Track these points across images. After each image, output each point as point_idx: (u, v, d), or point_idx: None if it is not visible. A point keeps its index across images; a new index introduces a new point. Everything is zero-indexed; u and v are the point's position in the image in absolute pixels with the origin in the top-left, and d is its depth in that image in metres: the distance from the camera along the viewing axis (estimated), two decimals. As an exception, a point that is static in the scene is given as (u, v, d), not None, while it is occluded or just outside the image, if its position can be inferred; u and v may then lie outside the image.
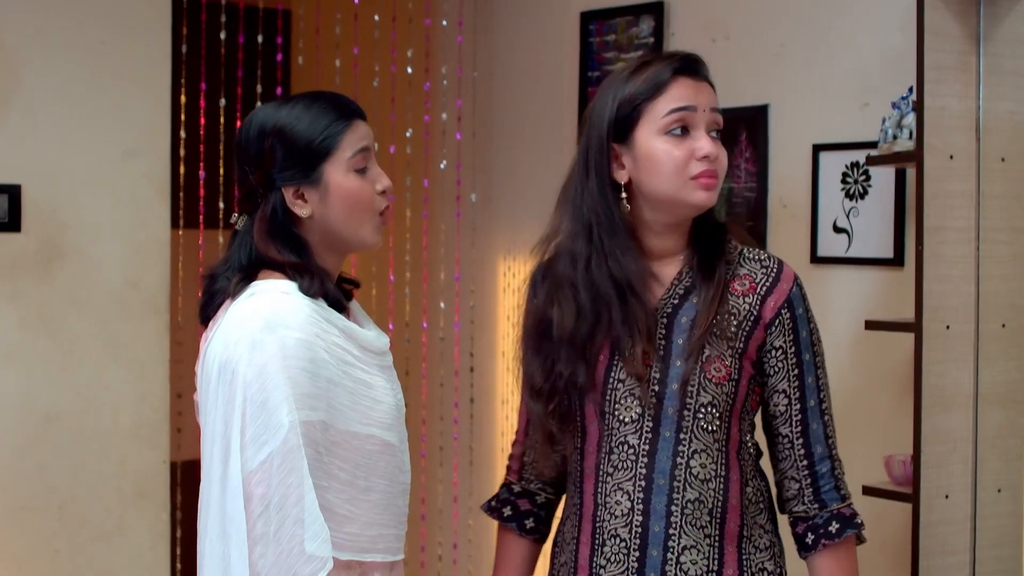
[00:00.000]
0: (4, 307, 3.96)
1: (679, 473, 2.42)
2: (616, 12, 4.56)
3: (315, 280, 2.34)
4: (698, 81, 2.48)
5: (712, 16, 4.25)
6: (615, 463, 2.45)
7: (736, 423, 2.47)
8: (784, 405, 2.48)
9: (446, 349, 5.25)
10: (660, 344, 2.45)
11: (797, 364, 2.47)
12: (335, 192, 2.34)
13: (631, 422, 2.44)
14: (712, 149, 2.41)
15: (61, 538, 4.05)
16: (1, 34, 3.94)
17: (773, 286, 2.47)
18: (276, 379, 2.21)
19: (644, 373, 2.42)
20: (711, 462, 2.44)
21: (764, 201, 4.06)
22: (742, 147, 4.11)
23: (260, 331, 2.24)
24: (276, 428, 2.20)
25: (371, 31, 5.13)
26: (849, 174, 3.82)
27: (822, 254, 3.89)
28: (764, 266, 2.50)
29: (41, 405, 4.01)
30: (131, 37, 4.15)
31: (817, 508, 2.49)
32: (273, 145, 2.35)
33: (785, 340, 2.46)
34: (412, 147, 5.17)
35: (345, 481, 2.31)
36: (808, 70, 3.96)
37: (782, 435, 2.50)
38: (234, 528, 2.22)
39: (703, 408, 2.43)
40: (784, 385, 2.47)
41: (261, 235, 2.37)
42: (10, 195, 3.95)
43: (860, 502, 3.56)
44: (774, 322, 2.45)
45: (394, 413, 2.41)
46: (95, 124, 4.09)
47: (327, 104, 2.38)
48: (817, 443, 2.48)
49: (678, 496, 2.42)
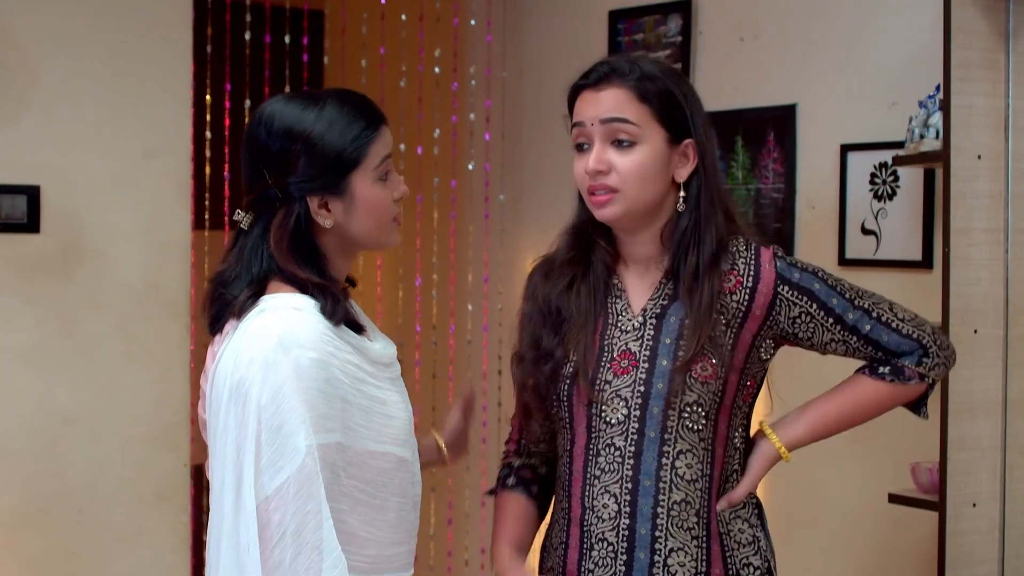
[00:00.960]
0: (22, 309, 3.94)
1: (664, 474, 2.37)
2: (644, 11, 4.49)
3: (339, 305, 2.23)
4: (597, 91, 2.41)
5: (740, 14, 4.18)
6: (602, 466, 2.40)
7: (725, 419, 2.42)
8: (844, 347, 2.48)
9: (474, 352, 5.20)
10: (648, 344, 2.40)
11: (828, 313, 2.44)
12: (361, 203, 2.24)
13: (617, 424, 2.39)
14: (593, 164, 2.38)
15: (79, 541, 4.03)
16: (19, 34, 3.92)
17: (758, 274, 2.42)
18: (292, 402, 2.10)
19: (590, 392, 2.42)
20: (697, 462, 2.39)
21: (792, 202, 3.98)
22: (770, 147, 4.04)
23: (273, 350, 2.12)
24: (293, 453, 2.10)
25: (398, 31, 5.09)
26: (877, 175, 3.74)
27: (850, 256, 3.81)
28: (742, 256, 2.44)
29: (59, 407, 3.99)
30: (151, 37, 4.12)
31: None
32: (299, 152, 2.21)
33: (803, 305, 2.42)
34: (440, 148, 5.12)
35: (360, 501, 2.22)
36: (836, 69, 3.88)
37: (863, 357, 2.51)
38: (249, 558, 2.12)
39: (688, 408, 2.38)
40: (829, 336, 2.46)
41: (280, 247, 2.23)
42: (29, 196, 3.93)
43: (886, 510, 3.51)
44: (775, 303, 2.42)
45: (406, 428, 2.31)
46: (114, 124, 4.07)
47: (355, 110, 2.25)
48: (900, 346, 2.48)
49: (664, 498, 2.37)
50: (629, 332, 2.43)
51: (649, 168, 2.37)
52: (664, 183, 2.40)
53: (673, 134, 2.40)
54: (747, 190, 4.09)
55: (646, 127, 2.37)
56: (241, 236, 2.29)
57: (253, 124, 2.29)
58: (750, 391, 2.45)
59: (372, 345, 2.30)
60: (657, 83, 2.40)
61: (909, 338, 2.48)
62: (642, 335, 2.42)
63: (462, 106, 5.14)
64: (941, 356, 2.50)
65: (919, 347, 2.48)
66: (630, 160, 2.37)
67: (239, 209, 2.31)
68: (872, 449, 3.73)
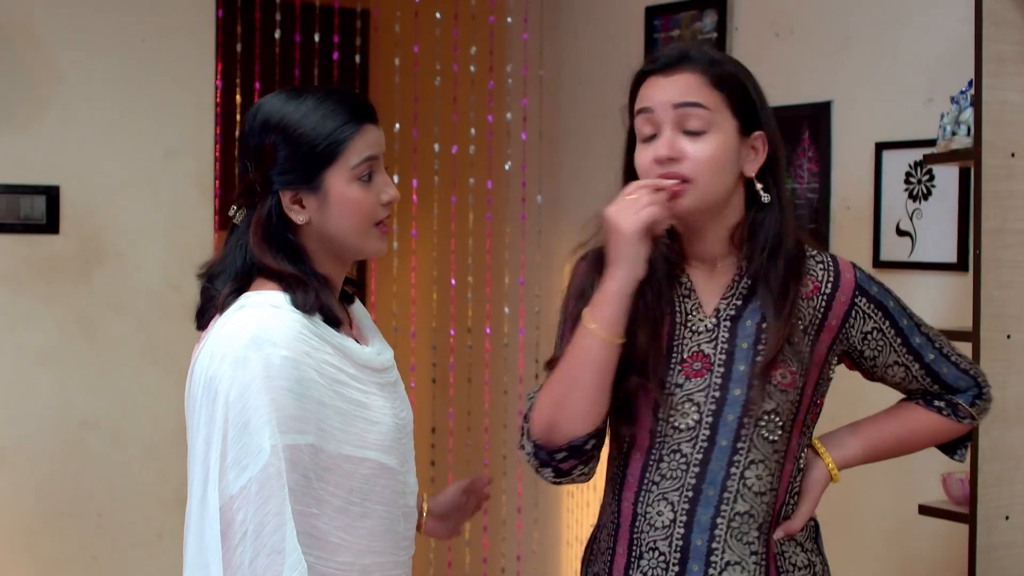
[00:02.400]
0: (41, 310, 3.91)
1: (731, 484, 2.25)
2: (680, 6, 4.39)
3: (310, 294, 2.18)
4: (667, 76, 2.28)
5: (775, 9, 4.06)
6: (663, 472, 2.28)
7: (797, 434, 2.32)
8: (903, 373, 2.42)
9: (510, 355, 5.10)
10: (723, 348, 2.28)
11: (898, 333, 2.38)
12: (335, 202, 2.18)
13: (687, 429, 2.27)
14: (665, 150, 2.24)
15: (99, 545, 3.99)
16: (39, 32, 3.89)
17: (837, 282, 2.34)
18: (259, 400, 2.06)
19: (659, 395, 2.30)
20: (768, 474, 2.28)
21: (827, 203, 3.85)
22: (804, 145, 3.92)
23: (245, 347, 2.08)
24: (257, 452, 2.05)
25: (432, 29, 5.01)
26: (912, 174, 3.61)
27: (884, 258, 3.68)
28: (820, 263, 2.35)
29: (79, 410, 3.96)
30: (173, 35, 4.08)
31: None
32: (275, 144, 2.17)
33: (876, 320, 2.36)
34: (475, 148, 5.05)
35: (338, 507, 2.17)
36: (872, 64, 3.75)
37: (915, 391, 2.46)
38: (212, 556, 2.07)
39: (766, 415, 2.26)
40: (895, 358, 2.40)
41: (257, 239, 2.20)
42: (48, 196, 3.90)
43: (916, 521, 3.38)
44: (851, 313, 2.34)
45: (393, 434, 2.25)
46: (135, 124, 4.03)
47: (337, 104, 2.20)
48: (958, 381, 2.43)
49: (726, 508, 2.25)
50: (702, 334, 2.30)
51: (723, 157, 2.23)
52: (734, 176, 2.27)
53: (744, 125, 2.27)
54: (782, 190, 3.97)
55: (719, 113, 2.24)
56: (233, 231, 2.27)
57: (243, 119, 2.28)
58: (817, 409, 2.36)
59: (360, 349, 2.24)
60: (728, 69, 2.28)
61: (967, 374, 2.43)
62: (716, 337, 2.29)
63: (498, 105, 5.05)
64: (989, 399, 2.47)
65: (975, 386, 2.44)
66: (704, 147, 2.22)
67: (233, 206, 2.29)
68: (903, 459, 3.58)
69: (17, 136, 3.86)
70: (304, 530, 2.09)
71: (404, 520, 2.29)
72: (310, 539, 2.11)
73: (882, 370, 2.40)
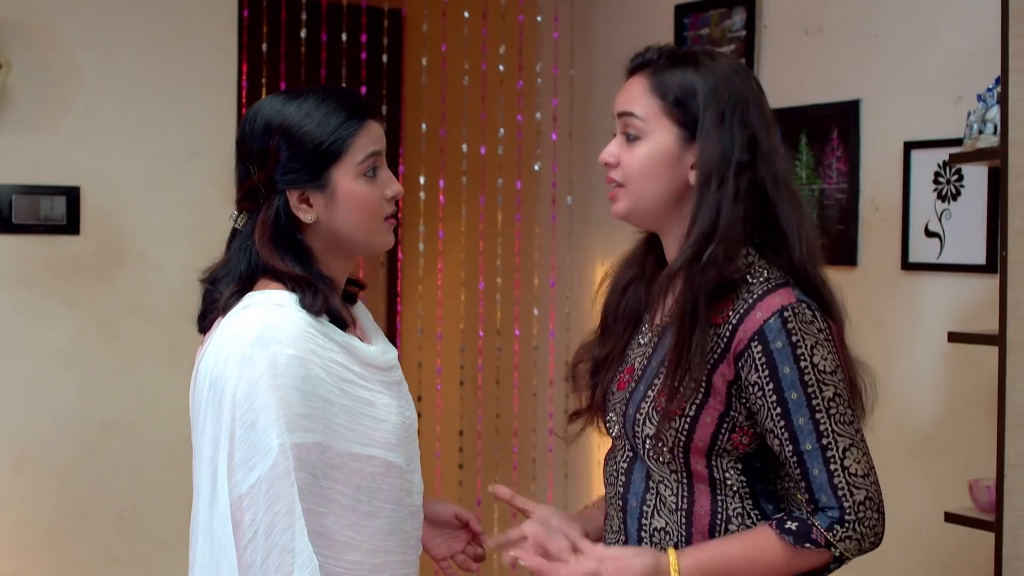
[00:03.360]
0: (61, 311, 3.90)
1: (650, 497, 2.25)
2: (710, 4, 4.33)
3: (318, 296, 2.19)
4: (626, 81, 2.32)
5: (805, 7, 3.99)
6: (608, 478, 2.34)
7: (701, 460, 2.20)
8: (777, 446, 2.17)
9: (540, 358, 5.05)
10: (644, 364, 2.28)
11: (779, 403, 2.13)
12: (343, 198, 2.20)
13: (617, 438, 2.33)
14: (601, 155, 2.29)
15: (120, 548, 3.97)
16: (60, 31, 3.88)
17: (746, 314, 2.16)
18: (266, 399, 2.07)
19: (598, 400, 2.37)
20: (670, 493, 2.23)
21: (855, 203, 3.78)
22: (833, 145, 3.84)
23: (251, 346, 2.09)
24: (265, 451, 2.06)
25: (460, 27, 4.97)
26: (941, 174, 3.53)
27: (913, 260, 3.60)
28: (750, 291, 2.19)
29: (99, 412, 3.94)
30: (196, 35, 4.06)
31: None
32: (278, 145, 2.19)
33: (760, 376, 2.14)
34: (504, 148, 5.00)
35: (346, 506, 2.18)
36: (900, 62, 3.68)
37: (790, 475, 2.22)
38: (224, 556, 2.10)
39: (648, 440, 2.22)
40: (770, 425, 2.16)
41: (263, 240, 2.21)
42: (68, 197, 3.89)
43: (943, 530, 3.30)
44: (743, 355, 2.15)
45: (399, 432, 2.26)
46: (157, 124, 4.01)
47: (339, 102, 2.22)
48: (821, 492, 2.12)
49: (646, 522, 2.25)
50: (642, 347, 2.32)
51: (651, 163, 2.23)
52: (674, 183, 2.25)
53: (691, 132, 2.23)
54: (811, 190, 3.90)
55: (653, 122, 2.24)
56: (235, 235, 2.29)
57: (242, 122, 2.29)
58: (743, 439, 2.20)
59: (366, 348, 2.26)
60: (681, 76, 2.24)
61: (834, 492, 2.12)
62: (646, 352, 2.30)
63: (528, 105, 5.00)
64: (857, 532, 2.13)
65: (837, 509, 2.12)
66: (632, 154, 2.25)
67: (234, 211, 2.31)
68: (928, 464, 3.52)
69: (38, 136, 3.85)
70: (312, 529, 2.10)
71: (411, 519, 2.31)
72: (318, 538, 2.12)
73: (762, 431, 2.18)
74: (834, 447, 2.13)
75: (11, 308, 3.85)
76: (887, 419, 3.58)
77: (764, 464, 2.23)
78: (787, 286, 2.18)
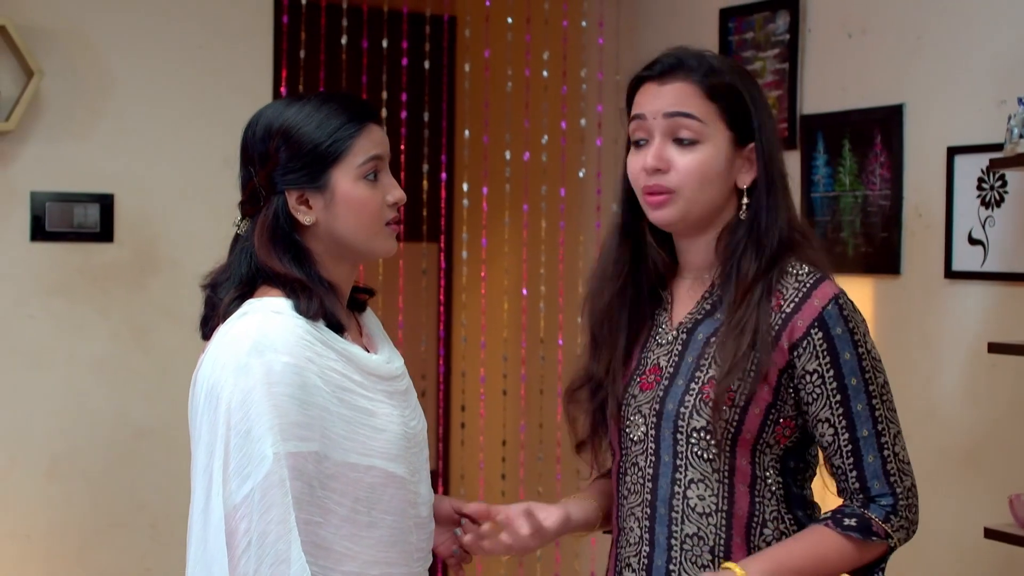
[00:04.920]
0: (95, 319, 3.89)
1: (677, 503, 2.20)
2: (754, 8, 4.26)
3: (314, 300, 2.17)
4: (661, 84, 2.25)
5: (849, 10, 3.90)
6: (628, 486, 2.28)
7: (746, 455, 2.18)
8: (831, 436, 2.16)
9: (584, 367, 4.98)
10: (674, 360, 2.25)
11: (839, 389, 2.14)
12: (342, 200, 2.18)
13: (639, 442, 2.25)
14: (652, 160, 2.21)
15: (153, 556, 3.96)
16: (93, 38, 3.87)
17: (802, 303, 2.17)
18: (261, 407, 2.05)
19: (614, 406, 2.29)
20: (710, 494, 2.18)
21: (899, 210, 3.69)
22: (876, 151, 3.76)
23: (247, 354, 2.07)
24: (260, 460, 2.04)
25: (504, 33, 4.92)
26: (984, 179, 3.43)
27: (956, 268, 3.51)
28: (799, 280, 2.20)
29: (133, 420, 3.93)
30: (231, 41, 4.04)
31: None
32: (278, 146, 2.18)
33: (820, 363, 2.15)
34: (548, 154, 4.95)
35: (344, 517, 2.15)
36: (945, 65, 3.58)
37: (836, 467, 2.19)
38: (216, 567, 2.08)
39: (695, 433, 2.18)
40: (827, 413, 2.16)
41: (262, 242, 2.20)
42: (102, 204, 3.88)
43: (982, 545, 3.20)
44: (801, 343, 2.15)
45: (400, 443, 2.22)
46: (192, 131, 3.99)
47: (339, 105, 2.21)
48: (875, 479, 2.15)
49: (677, 529, 2.20)
50: (663, 346, 2.28)
51: (711, 169, 2.21)
52: (725, 188, 2.24)
53: (739, 136, 2.23)
54: (854, 197, 3.81)
55: (711, 125, 2.21)
56: (237, 240, 2.28)
57: (245, 127, 2.28)
58: (785, 432, 2.19)
59: (368, 357, 2.23)
60: (725, 80, 2.23)
61: (887, 478, 2.14)
62: (671, 350, 2.26)
63: (572, 111, 4.94)
64: (906, 520, 2.16)
65: (891, 495, 2.14)
66: (691, 159, 2.21)
67: (237, 216, 2.30)
68: (968, 478, 3.42)
69: (71, 144, 3.85)
70: (309, 539, 2.08)
71: (416, 531, 2.26)
72: (315, 548, 2.09)
73: (813, 422, 2.17)
74: (887, 433, 2.16)
75: (45, 316, 3.85)
76: (928, 431, 3.49)
77: (797, 464, 2.22)
78: (829, 278, 2.21)
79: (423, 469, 2.29)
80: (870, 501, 2.15)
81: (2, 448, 3.82)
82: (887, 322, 3.68)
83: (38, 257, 3.83)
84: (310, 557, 2.07)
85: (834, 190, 3.89)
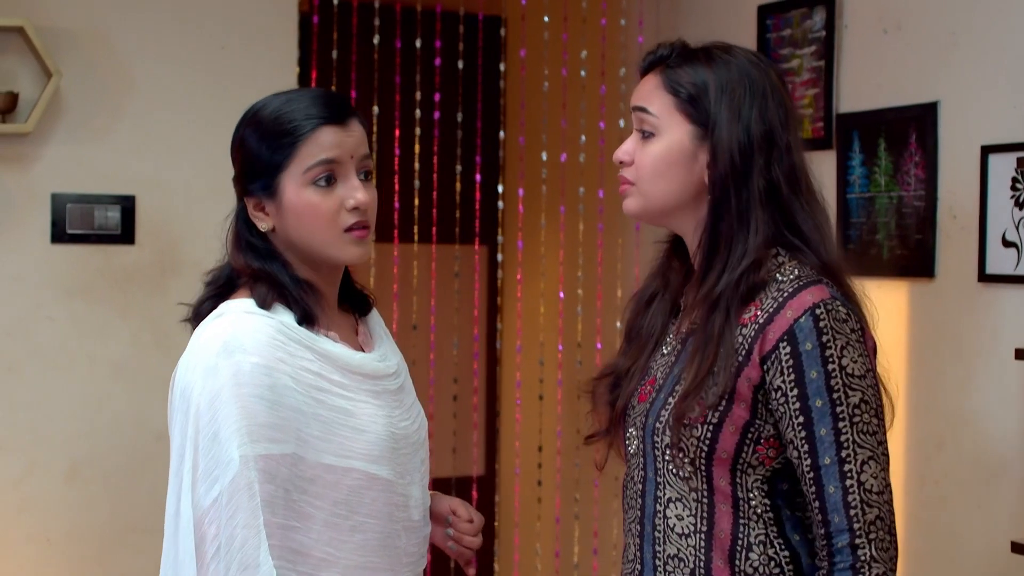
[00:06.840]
0: (116, 322, 3.87)
1: (659, 523, 2.13)
2: (791, 4, 4.16)
3: (271, 291, 2.15)
4: (641, 77, 2.25)
5: (884, 4, 3.79)
6: (628, 500, 2.23)
7: (724, 475, 2.08)
8: (796, 459, 2.04)
9: (622, 372, 4.90)
10: (666, 372, 2.18)
11: (802, 411, 2.01)
12: (289, 207, 2.15)
13: (634, 455, 2.21)
14: (616, 153, 2.24)
15: (174, 562, 3.92)
16: (114, 40, 3.85)
17: (775, 313, 2.05)
18: (228, 409, 2.03)
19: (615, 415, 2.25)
20: (688, 514, 2.10)
21: (933, 211, 3.56)
22: (911, 150, 3.64)
23: (215, 355, 2.06)
24: (227, 463, 2.02)
25: (540, 32, 4.85)
26: (1018, 179, 3.31)
27: (991, 271, 3.38)
28: (779, 288, 2.08)
29: (154, 424, 3.89)
30: (254, 41, 4.01)
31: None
32: (236, 154, 2.25)
33: (785, 381, 2.02)
34: (585, 155, 4.87)
35: (325, 521, 2.10)
36: (980, 62, 3.46)
37: (806, 495, 2.06)
38: (186, 571, 2.05)
39: (668, 451, 2.11)
40: (790, 435, 2.03)
41: (230, 245, 2.25)
42: (123, 207, 3.86)
43: (1009, 560, 3.08)
44: (770, 357, 2.04)
45: (384, 444, 2.17)
46: (213, 132, 3.96)
47: (297, 106, 2.17)
48: (834, 512, 1.99)
49: (660, 549, 2.13)
50: (664, 356, 2.22)
51: (662, 162, 2.16)
52: (689, 181, 2.17)
53: (706, 129, 2.15)
54: (889, 198, 3.70)
55: (666, 118, 2.16)
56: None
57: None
58: (769, 452, 2.07)
59: (350, 353, 2.19)
60: (693, 72, 2.16)
61: (847, 511, 1.99)
62: (668, 362, 2.20)
63: (610, 111, 4.86)
64: (875, 560, 1.98)
65: (846, 532, 1.99)
66: (645, 152, 2.18)
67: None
68: (994, 492, 3.29)
69: (92, 146, 3.84)
70: (285, 544, 2.04)
71: (406, 534, 2.21)
72: (292, 554, 2.06)
73: (785, 443, 2.05)
74: (852, 460, 2.00)
75: (65, 318, 3.83)
76: (962, 438, 3.37)
77: (792, 486, 2.10)
78: (821, 283, 2.08)
79: (416, 471, 2.24)
80: (833, 550, 1.99)
81: (22, 451, 3.81)
82: (921, 327, 3.56)
83: (59, 259, 3.82)
84: (288, 563, 2.04)
85: (869, 191, 3.77)
